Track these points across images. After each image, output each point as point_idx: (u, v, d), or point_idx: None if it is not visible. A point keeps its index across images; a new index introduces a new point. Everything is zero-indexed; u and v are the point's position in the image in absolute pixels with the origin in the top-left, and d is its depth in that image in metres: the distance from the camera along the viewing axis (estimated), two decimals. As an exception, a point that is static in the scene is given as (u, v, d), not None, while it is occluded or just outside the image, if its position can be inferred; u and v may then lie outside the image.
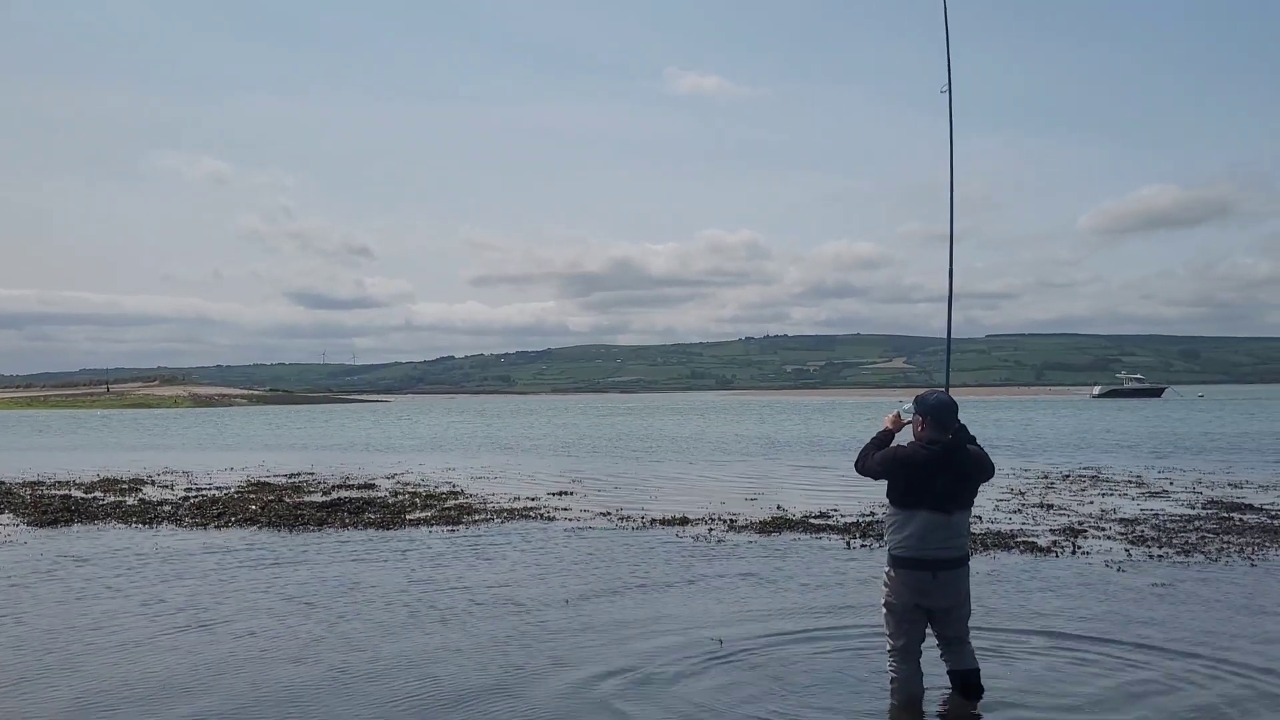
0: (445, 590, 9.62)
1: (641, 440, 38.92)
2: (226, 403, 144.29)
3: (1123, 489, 18.11)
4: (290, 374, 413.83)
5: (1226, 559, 10.82)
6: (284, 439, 43.69)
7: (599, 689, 6.48)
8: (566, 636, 7.80)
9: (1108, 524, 13.52)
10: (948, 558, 5.92)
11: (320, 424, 63.76)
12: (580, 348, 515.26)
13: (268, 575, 10.49)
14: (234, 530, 13.87)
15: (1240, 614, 8.30)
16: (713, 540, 12.56)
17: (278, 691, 6.51)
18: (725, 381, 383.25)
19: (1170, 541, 11.95)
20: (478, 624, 8.27)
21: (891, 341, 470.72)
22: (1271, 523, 13.40)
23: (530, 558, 11.43)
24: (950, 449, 5.99)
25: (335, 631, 8.01)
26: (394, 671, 6.89)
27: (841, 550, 11.70)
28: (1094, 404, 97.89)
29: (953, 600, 5.99)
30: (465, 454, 31.59)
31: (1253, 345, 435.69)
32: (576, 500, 17.22)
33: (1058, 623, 8.01)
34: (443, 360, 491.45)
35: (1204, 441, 33.26)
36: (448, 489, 19.16)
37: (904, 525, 5.96)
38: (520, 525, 14.12)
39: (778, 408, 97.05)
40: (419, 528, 13.97)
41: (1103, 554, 11.23)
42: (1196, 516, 14.12)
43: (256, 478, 22.09)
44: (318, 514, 15.07)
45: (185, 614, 8.71)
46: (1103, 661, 6.94)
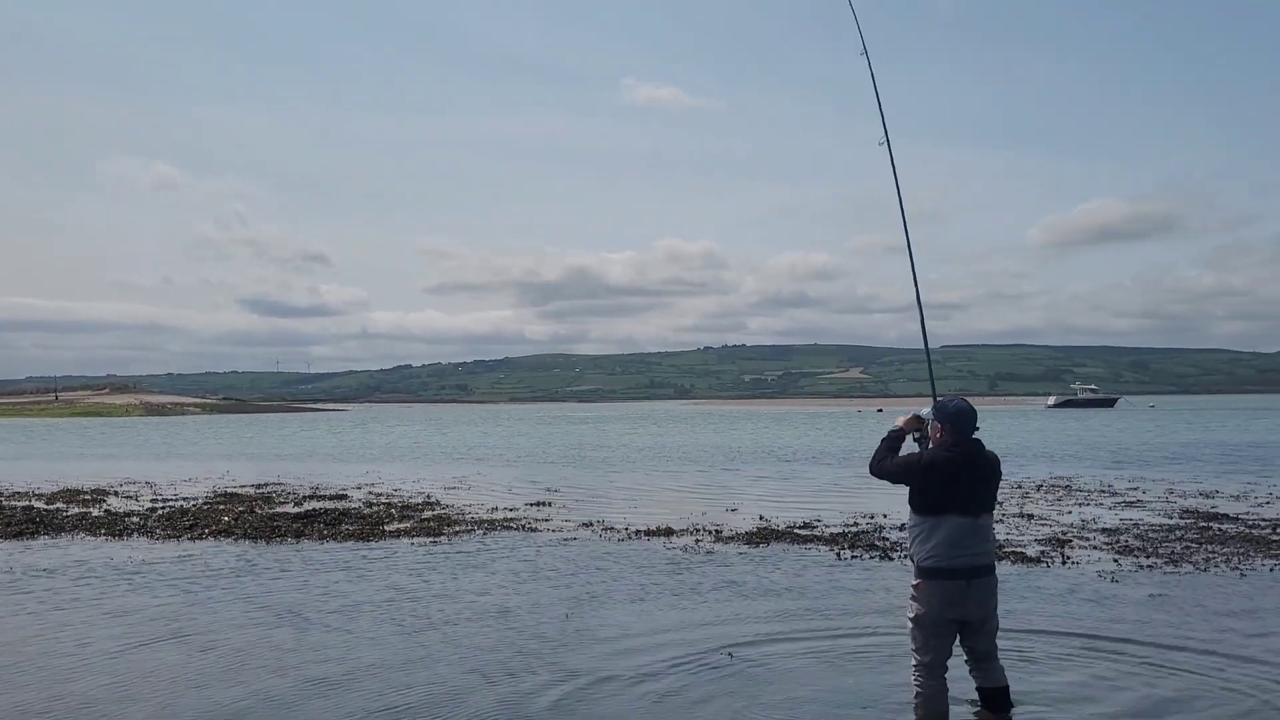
0: (434, 602, 9.40)
1: (609, 450, 38.77)
2: (179, 411, 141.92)
3: (1097, 499, 18.25)
4: (244, 382, 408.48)
5: (1215, 569, 10.89)
6: (244, 448, 42.97)
7: (597, 696, 6.33)
8: (566, 649, 7.63)
9: (1091, 534, 13.58)
10: (979, 565, 5.78)
11: (278, 433, 62.85)
12: (538, 357, 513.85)
13: (248, 588, 10.20)
14: (208, 542, 13.51)
15: (1242, 621, 8.32)
16: (701, 551, 12.44)
17: (261, 704, 6.34)
18: (684, 391, 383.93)
19: (1156, 551, 12.01)
20: (468, 636, 8.09)
21: (847, 351, 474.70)
22: (1251, 532, 13.54)
23: (519, 569, 11.23)
24: (972, 451, 5.91)
25: (320, 643, 7.77)
26: (378, 684, 6.69)
27: (833, 561, 11.63)
28: (1050, 414, 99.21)
29: (985, 610, 5.84)
30: (432, 464, 31.24)
31: (1199, 357, 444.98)
32: (556, 511, 17.02)
33: (1067, 629, 7.98)
34: (400, 369, 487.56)
35: (1165, 451, 33.74)
36: (422, 500, 18.87)
37: (931, 533, 5.79)
38: (503, 536, 13.91)
39: (740, 417, 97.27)
40: (399, 539, 13.70)
41: (1092, 564, 11.25)
42: (1176, 526, 14.24)
43: (223, 488, 21.63)
44: (293, 525, 14.75)
45: (164, 627, 8.44)
46: (1124, 670, 6.90)
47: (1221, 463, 28.01)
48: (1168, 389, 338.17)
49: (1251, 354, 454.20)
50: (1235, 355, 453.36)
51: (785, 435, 51.83)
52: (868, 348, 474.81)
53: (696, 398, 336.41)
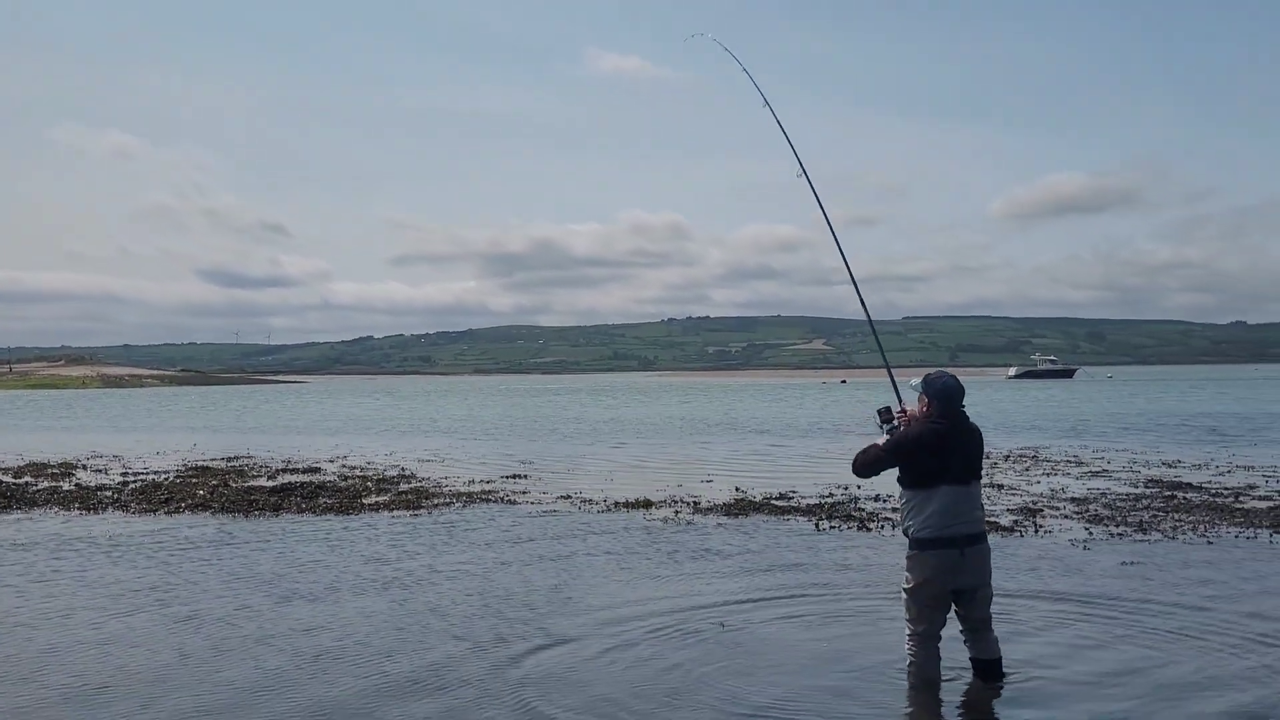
0: (418, 573, 9.46)
1: (578, 423, 38.85)
2: (137, 383, 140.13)
3: (1064, 469, 18.60)
4: (202, 354, 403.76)
5: (1183, 536, 11.18)
6: (208, 421, 42.58)
7: (584, 662, 6.43)
8: (553, 617, 7.73)
9: (1061, 503, 13.87)
10: (973, 532, 5.89)
11: (242, 406, 62.31)
12: (502, 328, 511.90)
13: (231, 561, 10.18)
14: (185, 516, 13.45)
15: (1212, 585, 8.56)
16: (681, 522, 12.57)
17: (251, 674, 6.41)
18: (648, 363, 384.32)
19: (1125, 520, 12.29)
20: (454, 606, 8.18)
21: (811, 323, 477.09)
22: (1215, 500, 13.89)
23: (500, 540, 11.29)
24: (958, 422, 6.03)
25: (308, 615, 7.81)
26: (368, 654, 6.75)
27: (812, 531, 11.80)
28: (1011, 384, 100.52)
29: (981, 578, 5.96)
30: (403, 437, 31.17)
31: (1154, 328, 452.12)
32: (532, 483, 17.09)
33: (1046, 594, 8.19)
34: (361, 340, 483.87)
35: (1125, 421, 34.37)
36: (397, 472, 18.86)
37: (925, 504, 5.88)
38: (483, 509, 13.96)
39: (706, 389, 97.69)
40: (379, 512, 13.72)
41: (1065, 533, 11.51)
42: (1143, 495, 14.56)
43: (193, 462, 21.47)
44: (270, 499, 14.70)
45: (148, 599, 8.43)
46: (1103, 632, 7.11)
47: (1181, 432, 28.60)
48: (1124, 360, 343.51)
49: (1205, 325, 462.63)
50: (1190, 326, 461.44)
51: (753, 407, 52.17)
52: (831, 319, 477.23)
53: (660, 369, 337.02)
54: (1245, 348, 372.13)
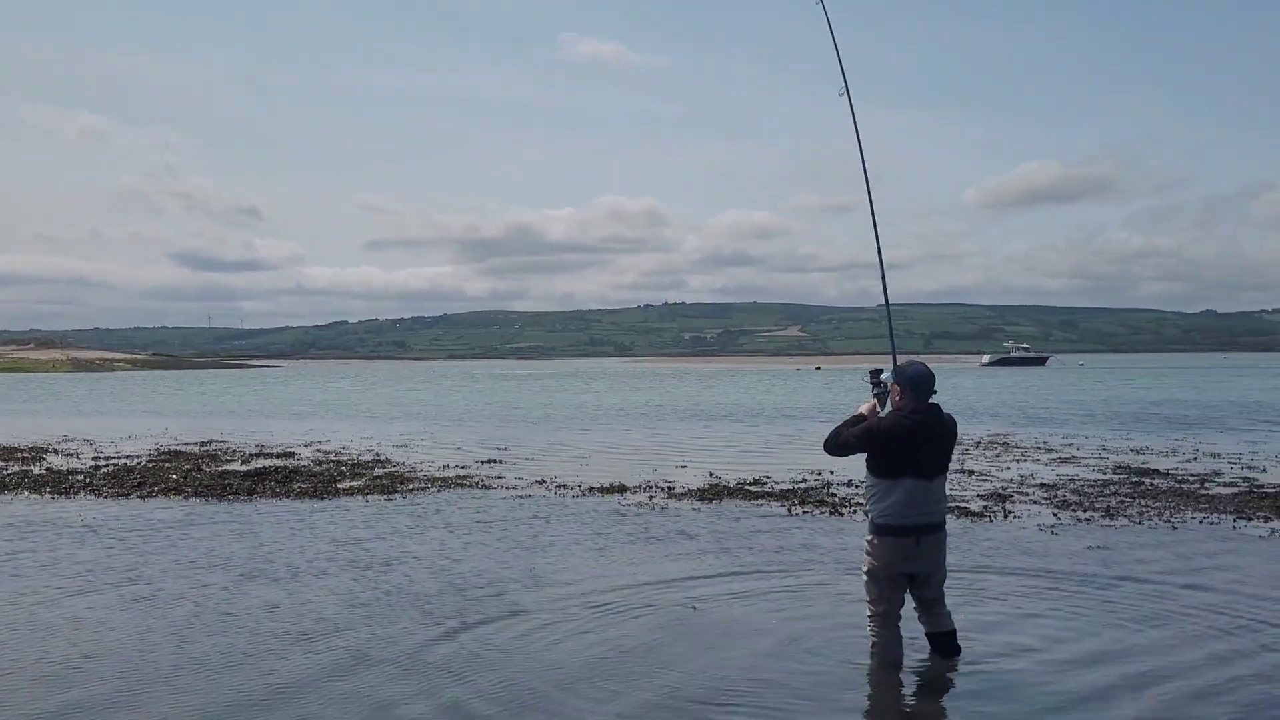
0: (391, 556, 9.48)
1: (554, 408, 38.86)
2: (109, 367, 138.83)
3: (1035, 455, 18.83)
4: (174, 338, 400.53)
5: (1148, 522, 11.36)
6: (180, 405, 42.28)
7: (551, 641, 6.50)
8: (524, 597, 7.78)
9: (1030, 489, 14.05)
10: (930, 523, 6.14)
11: (214, 390, 61.89)
12: (477, 313, 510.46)
13: (204, 545, 10.16)
14: (158, 500, 13.40)
15: (1174, 567, 8.72)
16: (656, 507, 12.65)
17: (220, 657, 6.44)
18: (624, 348, 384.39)
19: (1093, 505, 12.48)
20: (426, 587, 8.22)
21: (787, 310, 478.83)
22: (1180, 487, 14.11)
23: (474, 524, 11.32)
24: (932, 417, 6.18)
25: (280, 598, 7.83)
26: (339, 636, 6.79)
27: (785, 516, 11.91)
28: (984, 372, 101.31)
29: (934, 564, 6.22)
30: (377, 422, 31.09)
31: (1126, 316, 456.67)
32: (508, 469, 17.12)
33: (1013, 574, 8.34)
34: (335, 325, 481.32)
35: (1095, 408, 34.74)
36: (372, 457, 18.84)
37: (887, 494, 6.11)
38: (457, 494, 13.99)
39: (682, 375, 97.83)
40: (353, 496, 13.72)
41: (1033, 518, 11.67)
42: (1110, 481, 14.77)
43: (165, 446, 21.35)
44: (244, 483, 14.67)
45: (119, 580, 8.42)
46: (1067, 613, 7.25)
47: (1150, 420, 28.96)
48: (1097, 348, 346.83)
49: (1176, 314, 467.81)
50: (1161, 315, 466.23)
51: (728, 393, 52.34)
52: (806, 306, 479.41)
53: (636, 355, 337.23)
54: (1215, 336, 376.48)
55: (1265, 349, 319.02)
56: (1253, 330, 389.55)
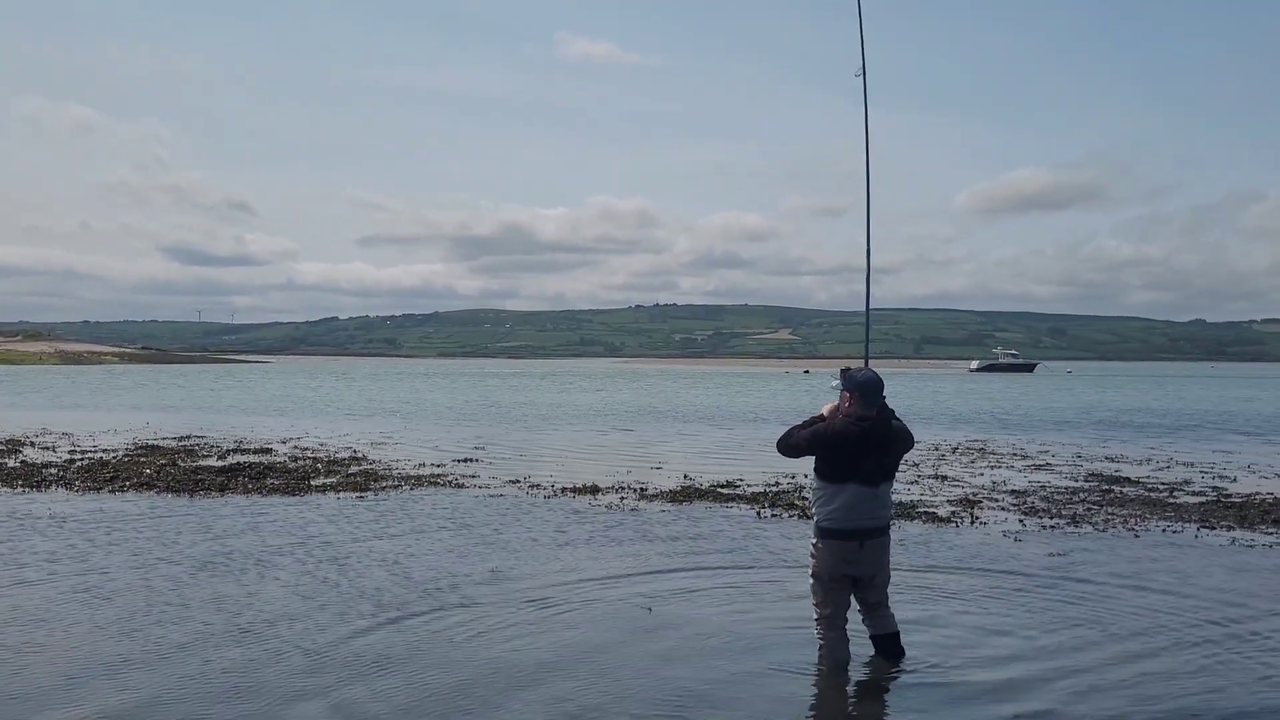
0: (353, 552, 9.50)
1: (537, 407, 38.88)
2: (96, 360, 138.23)
3: (1009, 461, 18.93)
4: (164, 332, 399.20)
5: (1112, 529, 11.44)
6: (165, 400, 42.16)
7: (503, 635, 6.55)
8: (479, 592, 7.82)
9: (1000, 495, 14.13)
10: (874, 527, 6.21)
11: (201, 385, 61.69)
12: (468, 312, 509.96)
13: (168, 539, 10.15)
14: (129, 495, 13.38)
15: (1126, 577, 8.80)
16: (625, 508, 12.69)
17: (175, 650, 6.41)
18: (614, 349, 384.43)
19: (1059, 513, 12.56)
20: (384, 583, 8.24)
21: (778, 313, 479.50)
22: (1149, 495, 14.21)
23: (441, 523, 11.34)
24: (878, 425, 6.23)
25: (238, 593, 7.84)
26: (289, 630, 6.81)
27: (753, 519, 11.98)
28: (973, 378, 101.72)
29: (877, 568, 6.29)
30: (359, 420, 31.08)
31: (1115, 324, 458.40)
32: (483, 468, 17.14)
33: (970, 580, 8.40)
34: (326, 321, 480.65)
35: (1078, 416, 34.91)
36: (348, 455, 18.84)
37: (832, 498, 6.17)
38: (429, 492, 14.00)
39: (670, 376, 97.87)
40: (325, 494, 13.72)
41: (999, 525, 11.75)
42: (1080, 489, 14.87)
43: (143, 440, 21.32)
44: (217, 479, 14.66)
45: (76, 580, 8.41)
46: (1024, 621, 7.31)
47: (1130, 428, 29.12)
48: (1085, 355, 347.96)
49: (1165, 322, 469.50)
50: (1149, 323, 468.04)
51: (714, 395, 52.40)
52: (797, 309, 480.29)
53: (627, 356, 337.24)
54: (1203, 346, 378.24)
55: (1254, 359, 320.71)
56: (1241, 340, 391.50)
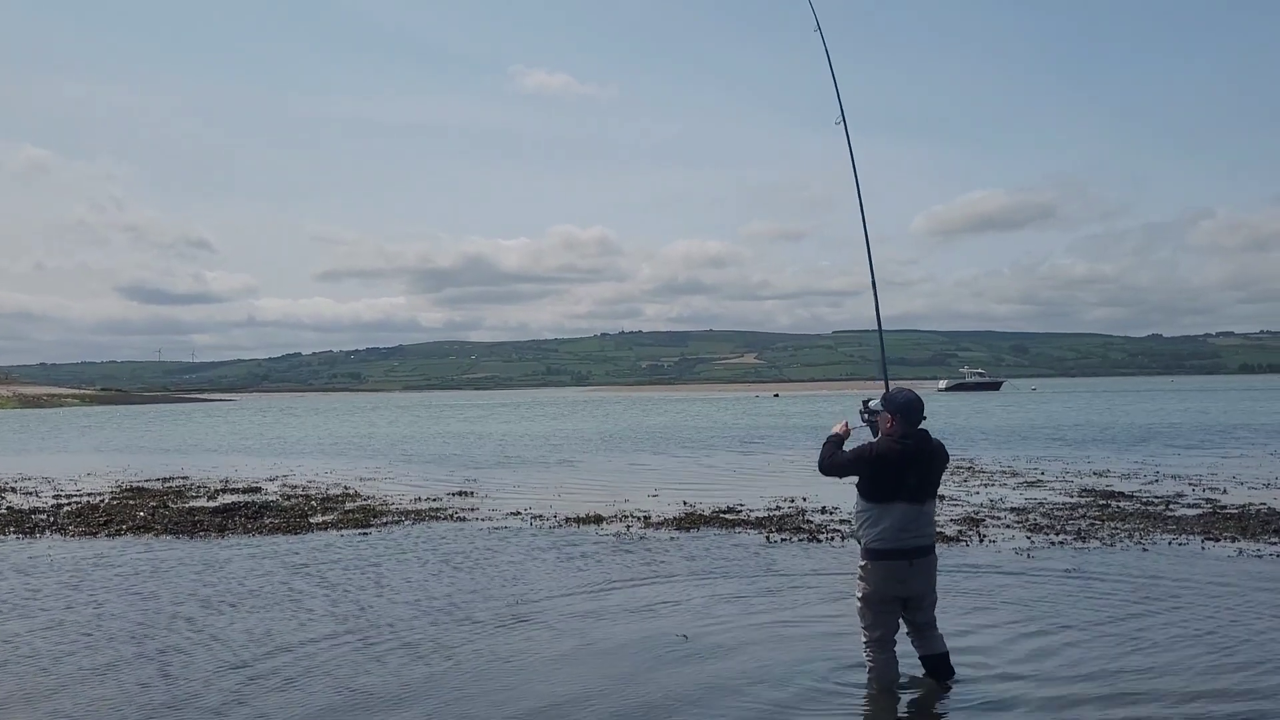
0: (372, 590, 9.40)
1: (514, 440, 38.69)
2: (57, 403, 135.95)
3: (1001, 479, 19.08)
4: (123, 372, 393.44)
5: (1120, 544, 11.57)
6: (135, 441, 41.50)
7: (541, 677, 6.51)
8: (517, 626, 7.77)
9: (1001, 513, 14.25)
10: (922, 545, 6.23)
11: (168, 425, 60.81)
12: (433, 344, 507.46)
13: (183, 582, 10.01)
14: (128, 539, 13.16)
15: (1155, 591, 8.91)
16: (634, 537, 12.66)
17: (213, 692, 6.32)
18: (581, 378, 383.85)
19: (1064, 529, 12.68)
20: (408, 622, 8.14)
21: (743, 338, 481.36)
22: (1147, 509, 14.39)
23: (454, 557, 11.25)
24: (921, 442, 6.29)
25: (256, 629, 7.74)
26: (312, 675, 6.74)
27: (764, 544, 11.98)
28: (941, 397, 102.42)
29: (926, 586, 6.31)
30: (341, 457, 30.79)
31: (1075, 341, 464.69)
32: (479, 500, 17.02)
33: (998, 601, 8.46)
34: (289, 357, 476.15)
35: (1054, 432, 35.30)
36: (340, 491, 18.64)
37: (880, 519, 6.20)
38: (433, 526, 13.89)
39: (641, 403, 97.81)
40: (327, 531, 13.57)
41: (1008, 542, 11.84)
42: (1078, 505, 15.02)
43: (127, 483, 20.96)
44: (214, 519, 14.47)
45: (88, 627, 8.26)
46: (1058, 636, 7.37)
47: (1108, 443, 29.47)
48: (1047, 372, 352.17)
49: (1123, 338, 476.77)
50: (1108, 339, 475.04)
51: (690, 421, 52.42)
52: (762, 334, 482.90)
53: (594, 385, 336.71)
54: (1161, 360, 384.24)
55: (1210, 372, 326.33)
56: (1197, 353, 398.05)
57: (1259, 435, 31.53)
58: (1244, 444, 27.91)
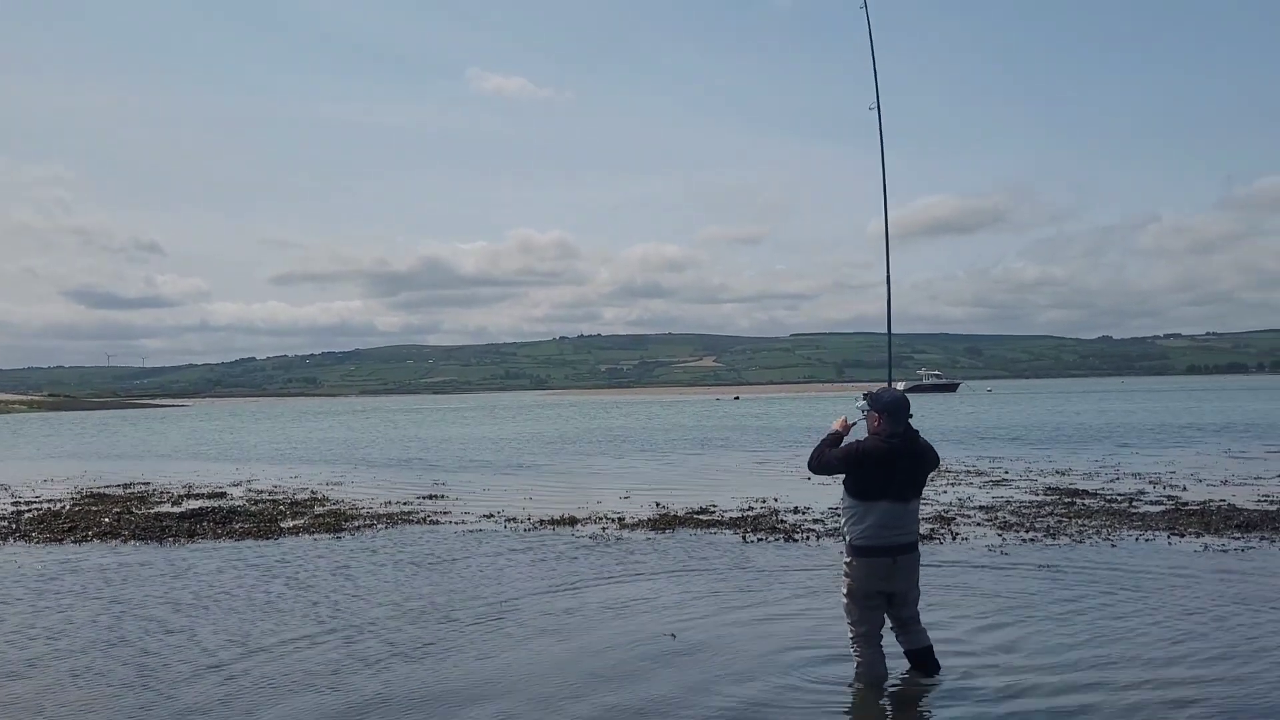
0: (355, 595, 9.34)
1: (477, 444, 38.52)
2: (4, 409, 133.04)
3: (967, 479, 19.32)
4: (71, 377, 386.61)
5: (1089, 540, 11.79)
6: (89, 447, 40.76)
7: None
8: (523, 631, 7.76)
9: (970, 511, 14.44)
10: (906, 543, 6.34)
11: (122, 431, 59.76)
12: (390, 348, 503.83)
13: (162, 588, 9.87)
14: (95, 545, 12.94)
15: (1125, 583, 9.10)
16: (610, 538, 12.67)
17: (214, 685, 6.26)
18: (540, 381, 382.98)
19: (1033, 526, 12.89)
20: (399, 627, 8.11)
21: (701, 341, 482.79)
22: (1111, 506, 14.65)
23: (433, 560, 11.20)
24: (908, 441, 6.39)
25: (238, 629, 7.67)
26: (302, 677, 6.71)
27: (740, 544, 12.05)
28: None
29: (910, 583, 6.41)
30: (303, 462, 30.47)
31: (1027, 343, 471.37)
32: (450, 504, 16.93)
33: (978, 596, 8.58)
34: (243, 362, 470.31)
35: (1013, 432, 35.79)
36: (308, 496, 18.44)
37: (864, 516, 6.29)
38: (407, 530, 13.81)
39: (603, 407, 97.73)
40: (299, 535, 13.44)
41: (981, 539, 12.01)
42: (1044, 503, 15.27)
43: (87, 489, 20.61)
44: (182, 524, 14.28)
45: (58, 632, 8.14)
46: (1035, 629, 7.50)
47: (1066, 442, 29.96)
48: (1000, 374, 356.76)
49: (1074, 340, 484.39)
50: (1060, 341, 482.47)
51: (651, 423, 52.45)
52: (720, 336, 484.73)
53: (553, 388, 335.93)
54: (1111, 361, 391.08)
55: (1158, 373, 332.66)
56: (1146, 355, 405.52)
57: (1208, 434, 32.21)
58: (1197, 443, 28.50)
